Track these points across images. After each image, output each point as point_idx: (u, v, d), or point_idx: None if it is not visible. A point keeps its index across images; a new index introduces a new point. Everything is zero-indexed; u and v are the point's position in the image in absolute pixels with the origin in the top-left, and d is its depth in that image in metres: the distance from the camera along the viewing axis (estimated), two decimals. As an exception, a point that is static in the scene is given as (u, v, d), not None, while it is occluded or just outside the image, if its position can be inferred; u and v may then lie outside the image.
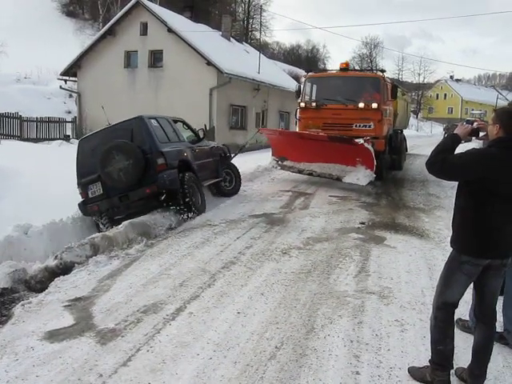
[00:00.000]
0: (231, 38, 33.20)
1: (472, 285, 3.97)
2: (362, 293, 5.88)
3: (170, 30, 24.96)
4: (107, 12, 46.79)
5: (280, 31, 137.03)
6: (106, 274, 6.45)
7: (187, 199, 9.56)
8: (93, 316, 5.11)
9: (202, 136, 11.92)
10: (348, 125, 14.15)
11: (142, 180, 9.18)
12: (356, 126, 14.15)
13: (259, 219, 9.62)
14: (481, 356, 3.98)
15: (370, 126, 14.02)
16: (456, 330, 4.16)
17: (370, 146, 12.64)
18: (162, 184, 9.21)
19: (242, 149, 16.10)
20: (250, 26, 71.87)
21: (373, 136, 13.67)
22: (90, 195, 9.59)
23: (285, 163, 14.61)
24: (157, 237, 8.37)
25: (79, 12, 59.44)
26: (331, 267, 6.79)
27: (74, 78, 28.19)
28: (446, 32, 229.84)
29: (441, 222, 9.62)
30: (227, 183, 12.68)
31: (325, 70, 17.17)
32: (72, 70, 27.74)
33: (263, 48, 48.94)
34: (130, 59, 26.75)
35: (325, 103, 14.58)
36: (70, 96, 31.76)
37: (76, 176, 9.81)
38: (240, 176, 13.07)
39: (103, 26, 29.90)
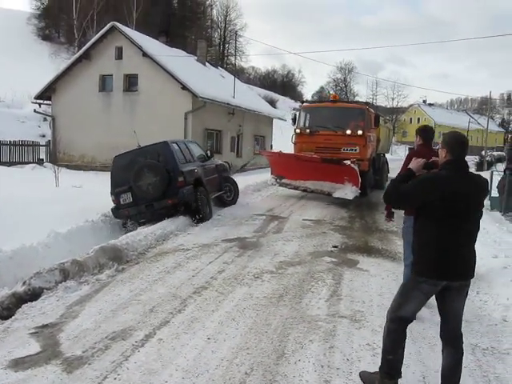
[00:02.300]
0: (206, 63, 33.36)
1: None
2: (333, 317, 5.87)
3: (145, 55, 25.06)
4: (83, 36, 46.75)
5: (256, 56, 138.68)
6: (75, 299, 6.33)
7: (200, 209, 11.67)
8: (60, 343, 5.00)
9: (209, 155, 14.20)
10: (337, 148, 16.38)
11: (165, 193, 11.17)
12: (344, 149, 16.37)
13: (232, 243, 9.58)
14: (450, 379, 4.02)
15: (355, 150, 16.32)
16: (426, 349, 4.18)
17: (355, 167, 14.52)
18: (182, 197, 11.29)
19: (243, 167, 19.99)
20: (225, 51, 72.58)
21: (358, 158, 15.72)
22: (122, 202, 11.49)
23: (283, 181, 16.68)
24: (128, 262, 8.26)
25: (55, 36, 59.32)
26: (303, 291, 6.77)
27: (48, 102, 28.00)
28: (418, 57, 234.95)
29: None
30: (228, 194, 14.71)
31: (318, 101, 20.89)
32: (46, 94, 27.57)
33: (239, 73, 49.44)
34: (104, 83, 26.71)
35: (317, 130, 16.93)
36: (45, 119, 31.50)
37: (110, 186, 11.76)
38: (238, 189, 15.04)
39: (79, 50, 29.82)
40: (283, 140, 41.70)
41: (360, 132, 16.27)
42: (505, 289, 7.00)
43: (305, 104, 19.20)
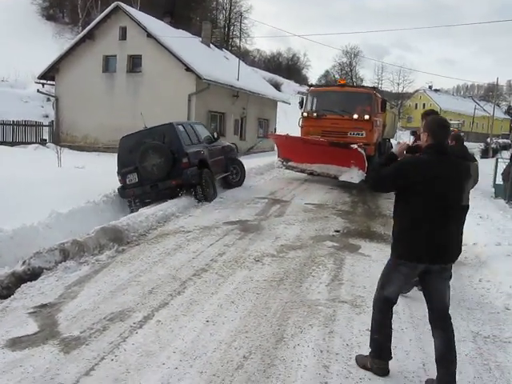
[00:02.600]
0: (211, 45, 33.10)
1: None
2: (334, 302, 5.83)
3: (149, 35, 24.81)
4: (87, 16, 46.43)
5: (261, 39, 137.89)
6: (74, 280, 6.30)
7: (203, 190, 11.91)
8: (58, 323, 4.98)
9: (216, 136, 14.36)
10: (344, 132, 16.49)
11: (170, 174, 11.46)
12: (350, 133, 16.50)
13: (234, 226, 9.53)
14: (445, 363, 4.00)
15: (362, 134, 16.44)
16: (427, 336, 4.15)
17: (362, 151, 14.66)
18: (186, 178, 11.56)
19: (249, 150, 20.72)
20: (230, 33, 72.01)
21: (365, 142, 15.78)
22: (128, 182, 11.80)
23: (289, 164, 16.82)
24: (129, 243, 8.21)
25: (59, 16, 58.76)
26: (304, 275, 6.73)
27: (51, 82, 27.80)
28: (423, 42, 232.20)
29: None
30: (234, 176, 14.87)
31: (325, 86, 21.24)
32: (50, 74, 27.38)
33: (244, 55, 49.07)
34: (108, 64, 26.50)
35: (324, 113, 17.02)
36: (48, 100, 31.41)
37: (117, 166, 12.07)
38: (245, 171, 15.22)
39: (83, 30, 29.57)
40: (287, 123, 41.61)
41: (367, 117, 16.42)
42: (508, 277, 6.92)
43: (312, 88, 19.29)
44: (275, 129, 34.83)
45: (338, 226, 9.95)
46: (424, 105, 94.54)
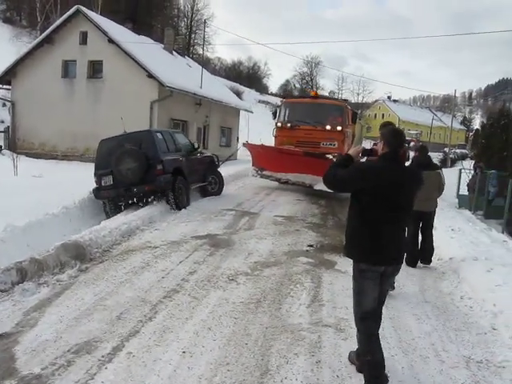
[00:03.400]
0: (173, 52, 32.56)
1: None
2: (317, 326, 5.44)
3: (110, 41, 24.16)
4: (46, 20, 45.20)
5: (222, 48, 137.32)
6: (33, 304, 5.73)
7: (175, 197, 12.11)
8: (15, 358, 4.43)
9: (196, 146, 14.66)
10: (317, 143, 17.01)
11: (144, 179, 11.60)
12: (323, 144, 17.00)
13: (203, 241, 9.06)
14: None
15: (334, 145, 16.96)
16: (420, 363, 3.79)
17: None
18: (159, 185, 11.77)
19: (228, 159, 20.49)
20: (192, 40, 71.50)
21: (337, 153, 15.41)
22: (103, 184, 12.00)
23: (264, 172, 16.89)
24: (92, 260, 7.68)
25: (16, 19, 57.39)
26: (282, 296, 6.32)
27: (7, 86, 26.91)
28: (380, 54, 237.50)
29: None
30: (213, 186, 15.07)
31: (299, 97, 21.88)
32: (6, 78, 26.42)
33: (205, 63, 48.40)
34: (68, 69, 25.70)
35: (298, 124, 17.53)
36: (4, 105, 30.41)
37: (94, 168, 12.30)
38: (223, 181, 15.42)
39: (41, 34, 28.66)
40: (249, 132, 41.34)
41: (339, 128, 17.01)
42: (490, 294, 6.69)
43: (286, 99, 19.92)
44: (237, 138, 34.50)
45: (310, 240, 9.58)
46: (383, 115, 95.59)
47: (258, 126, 54.33)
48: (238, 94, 58.01)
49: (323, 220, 12.16)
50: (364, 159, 4.67)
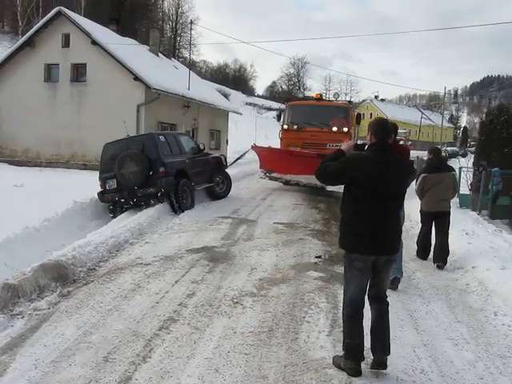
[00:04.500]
0: (159, 54, 31.60)
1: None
2: (343, 360, 4.56)
3: (94, 43, 23.12)
4: (27, 24, 43.98)
5: (207, 51, 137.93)
6: (3, 343, 4.76)
7: (179, 200, 12.18)
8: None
9: (202, 148, 14.63)
10: (323, 144, 16.85)
11: (147, 182, 11.81)
12: (329, 145, 16.56)
13: (199, 255, 8.16)
14: (378, 334, 4.38)
15: (340, 146, 16.04)
16: None
17: None
18: (161, 187, 11.85)
19: (237, 160, 22.28)
20: (177, 43, 70.62)
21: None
22: (107, 187, 12.25)
23: (272, 174, 17.01)
24: (76, 281, 6.74)
25: (-2, 25, 56.33)
26: (297, 322, 5.44)
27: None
28: (366, 54, 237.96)
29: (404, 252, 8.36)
30: (220, 186, 15.13)
31: (303, 99, 21.39)
32: (-14, 84, 25.35)
33: (191, 66, 47.34)
34: (50, 73, 24.58)
35: (304, 126, 17.74)
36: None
37: (99, 171, 12.62)
38: (231, 181, 15.54)
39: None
40: (238, 134, 40.54)
41: (345, 129, 17.37)
42: (528, 309, 5.91)
43: (291, 102, 20.05)
44: (227, 140, 33.66)
45: (317, 251, 8.73)
46: (371, 114, 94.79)
47: (246, 128, 53.65)
48: (225, 97, 57.21)
49: (326, 226, 11.31)
50: None
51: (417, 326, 5.55)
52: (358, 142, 4.83)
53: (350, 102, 21.49)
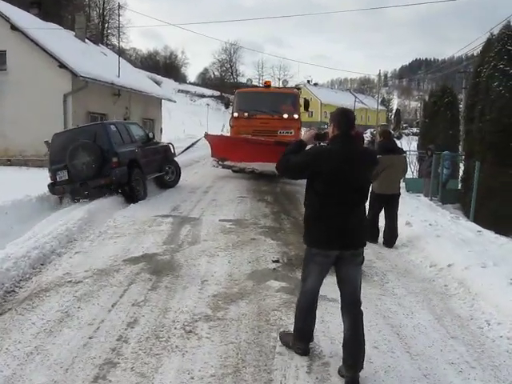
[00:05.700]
0: (86, 40, 29.79)
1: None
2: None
3: (14, 28, 21.30)
4: None
5: (137, 38, 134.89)
6: None
7: (132, 189, 12.10)
8: None
9: (151, 136, 14.56)
10: (274, 131, 17.21)
11: (99, 172, 11.59)
12: (280, 132, 17.36)
13: (139, 266, 6.97)
14: (352, 346, 4.00)
15: (290, 133, 17.47)
16: None
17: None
18: (115, 177, 11.68)
19: (187, 148, 22.18)
20: (105, 30, 68.12)
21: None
22: (58, 179, 12.01)
23: (225, 163, 16.75)
24: (-11, 309, 5.49)
25: None
26: (267, 354, 4.39)
27: None
28: (296, 38, 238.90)
29: (368, 250, 7.43)
30: (170, 175, 15.00)
31: (253, 86, 20.71)
32: None
33: (120, 53, 45.34)
34: (-37, 61, 22.62)
35: (255, 114, 17.74)
36: None
37: (48, 163, 12.40)
38: (180, 170, 15.46)
39: None
40: (172, 123, 39.22)
41: (296, 116, 17.73)
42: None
43: (240, 89, 19.81)
44: (161, 129, 32.31)
45: (273, 253, 7.73)
46: (305, 99, 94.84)
47: (180, 115, 52.21)
48: (157, 84, 55.58)
49: (278, 222, 10.32)
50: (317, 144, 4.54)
51: (408, 348, 4.64)
52: (318, 132, 4.54)
53: (298, 88, 21.77)
